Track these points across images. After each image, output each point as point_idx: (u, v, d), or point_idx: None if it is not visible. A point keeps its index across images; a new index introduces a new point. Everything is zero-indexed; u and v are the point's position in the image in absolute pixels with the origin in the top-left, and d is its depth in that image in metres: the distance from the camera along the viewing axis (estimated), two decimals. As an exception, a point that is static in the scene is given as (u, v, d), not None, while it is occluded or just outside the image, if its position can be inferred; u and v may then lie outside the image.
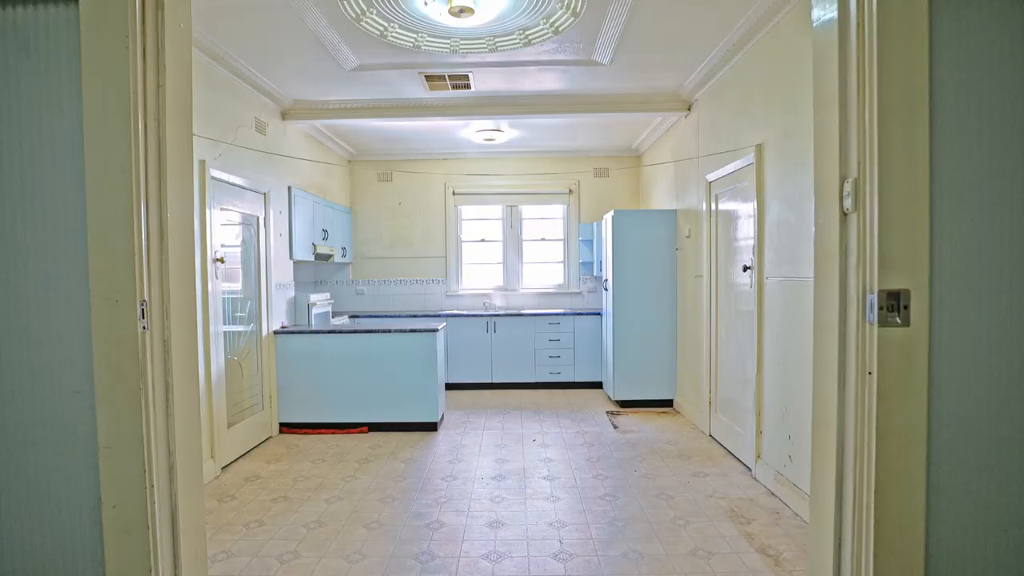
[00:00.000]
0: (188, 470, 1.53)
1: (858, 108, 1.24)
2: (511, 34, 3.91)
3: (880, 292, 1.23)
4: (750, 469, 3.94)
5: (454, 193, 7.50)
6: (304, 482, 3.90)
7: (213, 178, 4.07)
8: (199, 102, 3.94)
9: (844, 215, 1.31)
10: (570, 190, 7.50)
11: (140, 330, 1.42)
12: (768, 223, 3.70)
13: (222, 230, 4.25)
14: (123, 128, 1.37)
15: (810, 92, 3.14)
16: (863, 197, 1.25)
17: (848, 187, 1.28)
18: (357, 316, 7.02)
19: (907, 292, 1.23)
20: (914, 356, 1.24)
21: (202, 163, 3.94)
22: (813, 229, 2.95)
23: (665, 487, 3.71)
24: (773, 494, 3.56)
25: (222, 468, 4.15)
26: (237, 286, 4.58)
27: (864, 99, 1.23)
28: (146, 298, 1.41)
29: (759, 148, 3.79)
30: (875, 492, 1.21)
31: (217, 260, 4.12)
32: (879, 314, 1.23)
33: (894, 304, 1.23)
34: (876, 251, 1.23)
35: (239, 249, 4.62)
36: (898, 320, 1.24)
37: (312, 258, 5.97)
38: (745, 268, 4.01)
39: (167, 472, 1.46)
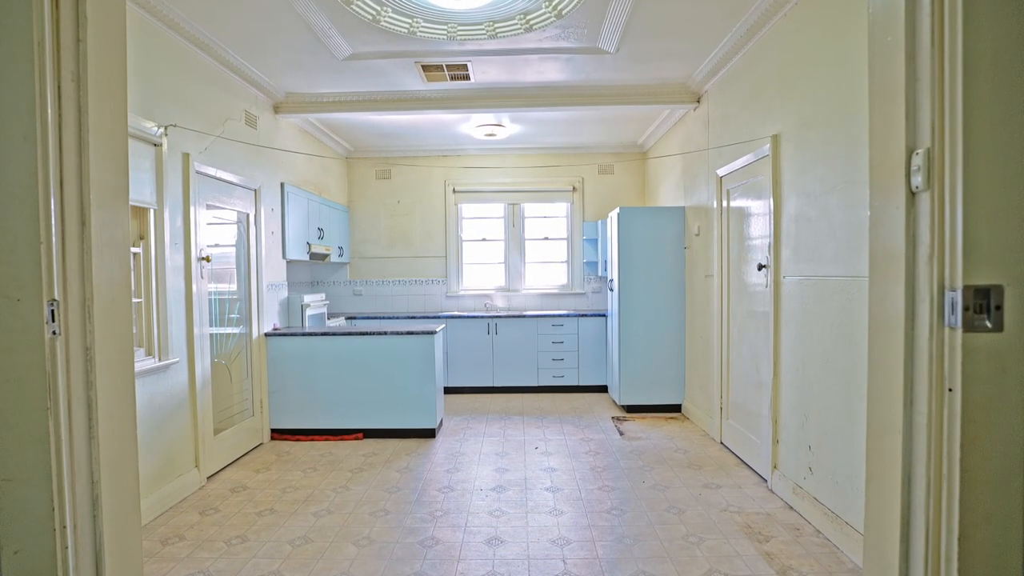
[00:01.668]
0: (119, 505, 1.27)
1: (933, 58, 0.97)
2: (511, 19, 3.69)
3: (965, 289, 0.97)
4: (765, 480, 3.71)
5: (454, 191, 7.28)
6: (293, 493, 3.68)
7: (198, 172, 3.87)
8: (183, 93, 3.73)
9: (912, 195, 1.05)
10: (574, 187, 7.27)
11: (48, 335, 1.16)
12: (785, 218, 3.47)
13: (208, 228, 4.04)
14: (25, 89, 1.12)
15: (831, 80, 2.93)
16: (939, 171, 0.99)
17: (918, 160, 1.02)
18: (354, 318, 6.80)
19: (1000, 288, 0.96)
20: (1008, 368, 0.97)
21: (186, 156, 3.73)
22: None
23: (675, 500, 3.48)
24: (792, 508, 3.32)
25: (207, 478, 3.94)
26: (225, 287, 4.38)
27: (942, 45, 0.97)
28: (57, 297, 1.15)
29: (775, 139, 3.56)
30: (959, 537, 0.97)
31: (202, 259, 3.92)
32: (963, 316, 0.98)
33: (982, 304, 0.97)
34: (959, 238, 0.96)
35: (229, 248, 4.41)
36: (988, 324, 0.97)
37: (307, 257, 5.76)
38: (760, 267, 3.78)
39: (89, 508, 1.20)
